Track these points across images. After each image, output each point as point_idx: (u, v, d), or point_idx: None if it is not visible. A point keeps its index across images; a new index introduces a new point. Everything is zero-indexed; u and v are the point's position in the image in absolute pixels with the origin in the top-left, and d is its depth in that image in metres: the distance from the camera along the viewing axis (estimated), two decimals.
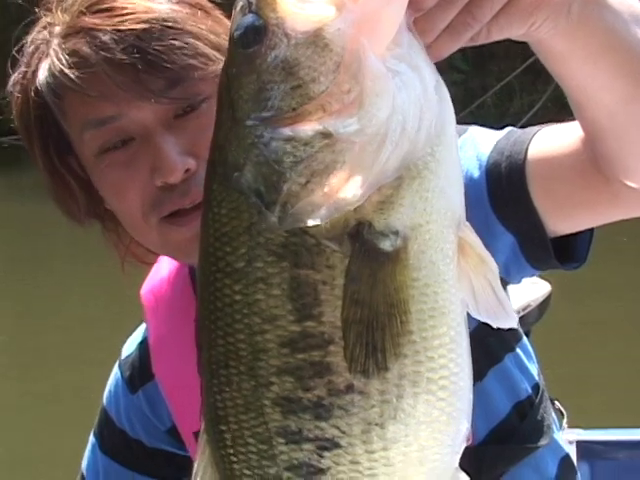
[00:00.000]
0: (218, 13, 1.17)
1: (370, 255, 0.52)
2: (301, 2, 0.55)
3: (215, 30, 1.13)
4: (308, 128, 0.53)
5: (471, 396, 0.59)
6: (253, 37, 0.57)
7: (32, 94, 1.12)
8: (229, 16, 1.18)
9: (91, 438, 1.38)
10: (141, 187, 1.12)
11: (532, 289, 1.58)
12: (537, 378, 1.29)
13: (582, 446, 2.21)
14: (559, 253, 1.05)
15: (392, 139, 0.52)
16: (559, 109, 15.56)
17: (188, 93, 1.10)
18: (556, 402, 1.57)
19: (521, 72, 15.93)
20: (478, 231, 1.01)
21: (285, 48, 0.55)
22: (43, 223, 8.96)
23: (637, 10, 0.88)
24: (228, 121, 0.56)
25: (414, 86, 0.54)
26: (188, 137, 1.11)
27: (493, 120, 15.94)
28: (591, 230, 1.05)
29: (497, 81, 15.58)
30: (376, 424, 0.55)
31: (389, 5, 0.53)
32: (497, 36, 0.68)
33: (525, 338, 1.30)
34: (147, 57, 1.06)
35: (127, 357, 1.36)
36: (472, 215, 1.02)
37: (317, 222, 0.52)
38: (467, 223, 0.61)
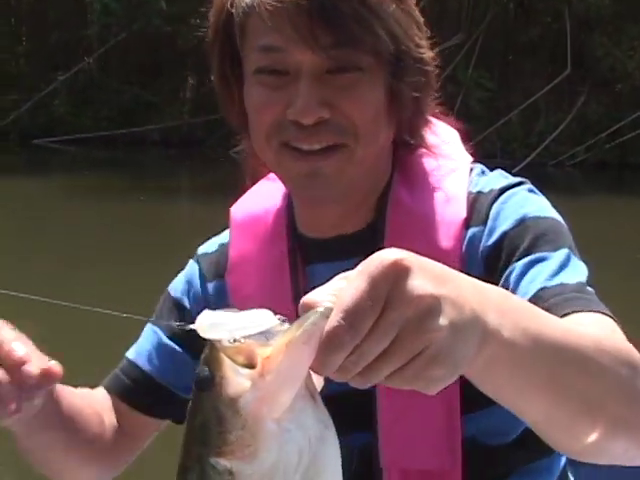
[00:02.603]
0: (412, 3, 1.30)
1: None
2: (233, 371, 0.78)
3: (397, 17, 1.26)
4: (223, 464, 0.77)
5: None
6: (205, 385, 0.79)
7: (228, 6, 1.30)
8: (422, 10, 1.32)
9: (146, 327, 1.50)
10: (275, 113, 1.25)
11: None
12: None
13: None
14: None
15: (278, 478, 0.77)
16: (583, 129, 15.60)
17: (346, 56, 1.22)
18: None
19: (547, 91, 16.05)
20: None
21: (219, 402, 0.78)
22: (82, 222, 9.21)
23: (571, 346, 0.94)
24: (192, 428, 0.81)
25: (298, 441, 0.77)
26: (330, 92, 1.24)
27: (518, 138, 16.05)
28: None
29: (523, 99, 15.72)
30: None
31: (286, 386, 0.77)
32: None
33: None
34: (326, 13, 1.21)
35: (206, 254, 1.48)
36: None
37: None
38: None
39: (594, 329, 1.07)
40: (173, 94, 15.96)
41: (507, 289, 1.20)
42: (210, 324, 0.79)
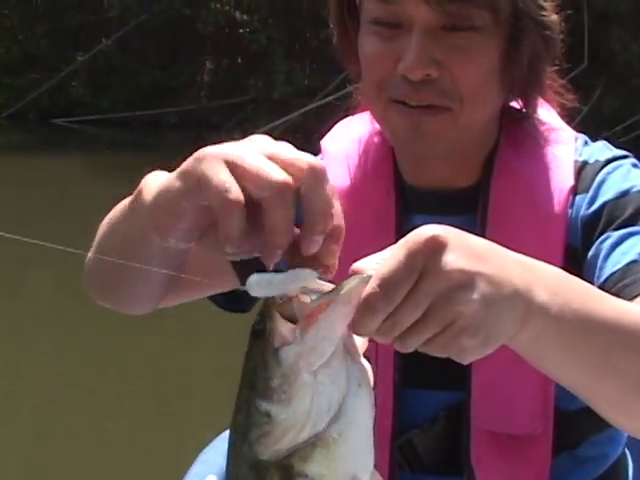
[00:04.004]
0: None
1: None
2: (281, 324, 0.87)
3: None
4: (263, 406, 0.87)
5: None
6: (257, 335, 0.87)
7: None
8: None
9: None
10: (386, 68, 1.25)
11: None
12: None
13: None
14: None
15: (309, 425, 0.85)
16: (599, 123, 15.61)
17: (461, 12, 1.20)
18: None
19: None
20: None
21: (266, 351, 0.87)
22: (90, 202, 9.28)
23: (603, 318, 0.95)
24: (245, 372, 0.89)
25: (331, 393, 0.86)
26: (442, 50, 1.22)
27: None
28: None
29: None
30: None
31: (324, 342, 0.86)
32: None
33: None
34: None
35: None
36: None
37: (270, 458, 0.87)
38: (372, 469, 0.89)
39: None
40: (191, 77, 16.02)
41: (598, 255, 1.24)
42: (260, 283, 0.88)
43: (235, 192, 0.84)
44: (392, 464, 1.38)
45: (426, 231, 0.84)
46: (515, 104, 1.37)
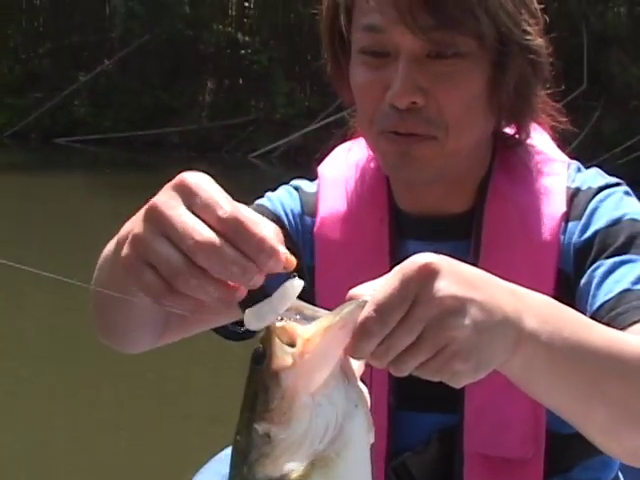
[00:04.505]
0: None
1: None
2: (280, 349, 0.90)
3: (502, 0, 1.23)
4: (263, 427, 0.89)
5: None
6: (258, 359, 0.90)
7: None
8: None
9: None
10: (376, 98, 1.27)
11: None
12: None
13: None
14: None
15: (307, 445, 0.88)
16: (597, 145, 15.67)
17: (446, 39, 1.22)
18: None
19: (562, 106, 15.97)
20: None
21: (266, 374, 0.90)
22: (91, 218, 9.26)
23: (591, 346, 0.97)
24: (246, 395, 0.92)
25: (329, 414, 0.89)
26: (428, 77, 1.23)
27: None
28: None
29: None
30: None
31: (322, 365, 0.89)
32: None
33: None
34: None
35: (307, 191, 1.47)
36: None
37: (269, 478, 0.89)
38: None
39: None
40: (192, 98, 16.07)
41: (591, 283, 1.25)
42: (254, 317, 0.91)
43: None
44: None
45: (420, 259, 0.87)
46: (509, 130, 1.39)
